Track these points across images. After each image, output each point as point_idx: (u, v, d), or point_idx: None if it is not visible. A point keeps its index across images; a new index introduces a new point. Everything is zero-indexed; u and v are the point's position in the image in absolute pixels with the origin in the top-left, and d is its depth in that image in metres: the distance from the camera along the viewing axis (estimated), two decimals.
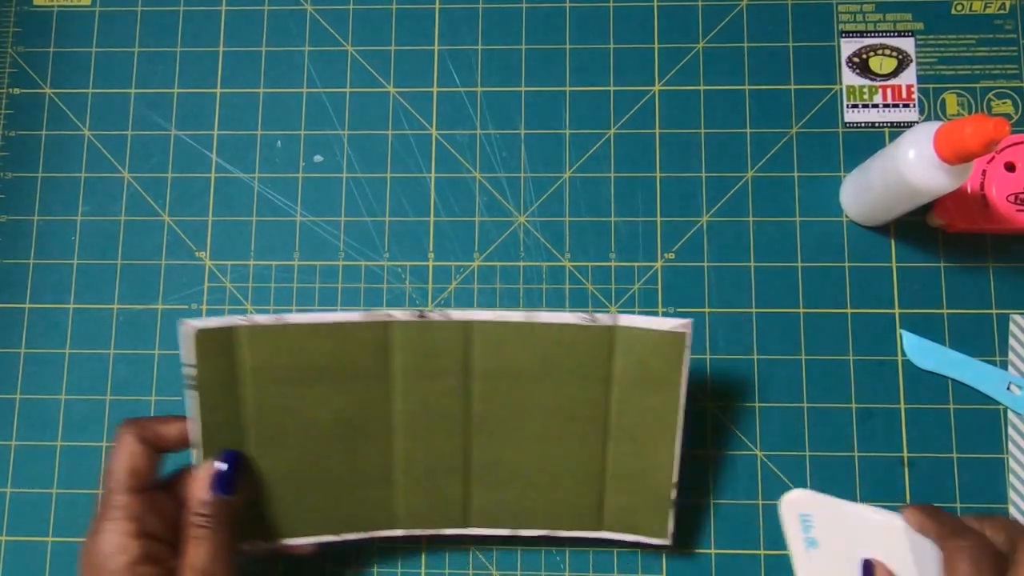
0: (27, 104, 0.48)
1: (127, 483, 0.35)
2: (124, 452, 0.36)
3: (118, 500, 0.35)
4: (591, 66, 0.47)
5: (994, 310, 0.44)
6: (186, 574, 0.34)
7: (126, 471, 0.35)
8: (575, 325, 0.38)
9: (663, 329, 0.37)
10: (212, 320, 0.36)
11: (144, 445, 0.36)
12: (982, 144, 0.33)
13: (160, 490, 0.37)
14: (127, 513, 0.34)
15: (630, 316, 0.38)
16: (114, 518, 0.34)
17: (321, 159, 0.47)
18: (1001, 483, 0.43)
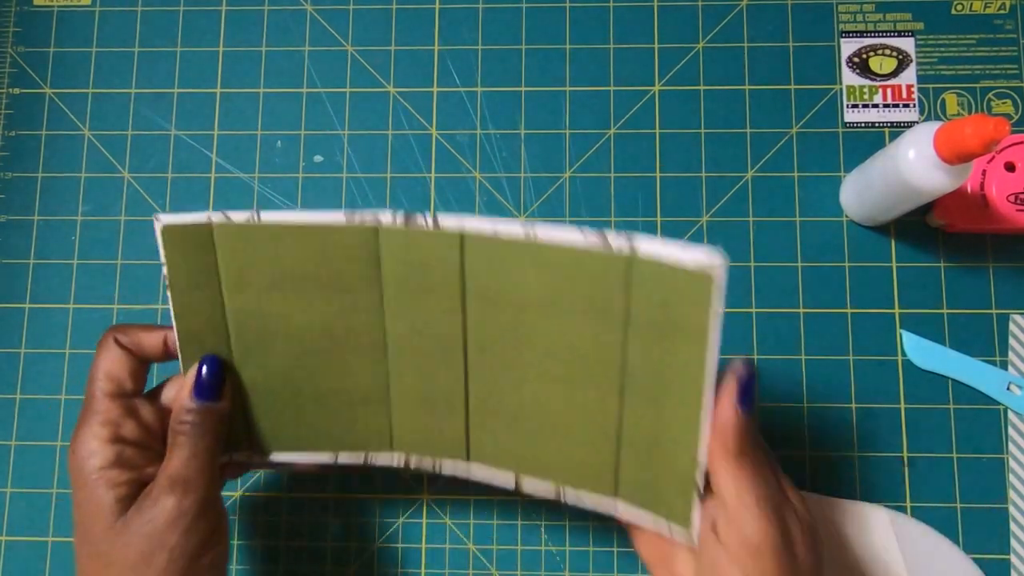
0: (27, 104, 0.48)
1: (105, 388, 0.35)
2: (105, 357, 0.35)
3: (95, 404, 0.34)
4: (591, 66, 0.47)
5: (994, 310, 0.44)
6: (161, 478, 0.34)
7: (104, 375, 0.35)
8: (581, 250, 0.31)
9: (688, 267, 0.29)
10: (182, 216, 0.34)
11: (125, 351, 0.35)
12: (982, 144, 0.33)
13: (145, 399, 0.36)
14: (103, 418, 0.34)
15: (651, 242, 0.30)
16: (90, 423, 0.34)
17: (321, 159, 0.47)
18: (1001, 483, 0.43)
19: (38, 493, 0.44)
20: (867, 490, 0.43)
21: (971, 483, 0.43)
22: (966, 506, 0.42)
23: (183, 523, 0.33)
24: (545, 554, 0.43)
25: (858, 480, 0.43)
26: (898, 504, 0.42)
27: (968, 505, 0.42)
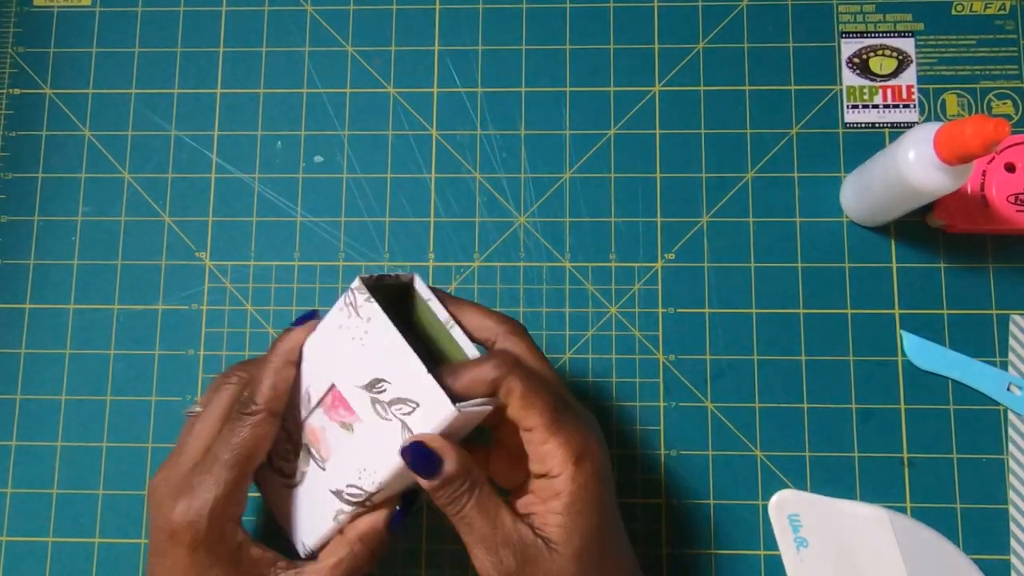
0: (27, 104, 0.48)
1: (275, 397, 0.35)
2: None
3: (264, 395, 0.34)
4: (591, 66, 0.47)
5: (994, 310, 0.44)
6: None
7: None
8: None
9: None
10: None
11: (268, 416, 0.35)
12: (982, 145, 0.33)
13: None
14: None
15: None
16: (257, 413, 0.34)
17: (321, 159, 0.47)
18: (1001, 484, 0.43)
19: (38, 493, 0.44)
20: (867, 490, 0.43)
21: (971, 483, 0.43)
22: (966, 506, 0.42)
23: None
24: None
25: (858, 480, 0.43)
26: (898, 504, 0.42)
27: (968, 505, 0.42)
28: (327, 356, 0.35)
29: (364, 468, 0.34)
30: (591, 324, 0.45)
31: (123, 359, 0.45)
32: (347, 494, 0.35)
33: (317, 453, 0.35)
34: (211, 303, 0.46)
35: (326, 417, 0.35)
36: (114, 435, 0.45)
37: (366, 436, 0.34)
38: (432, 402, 0.32)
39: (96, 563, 0.43)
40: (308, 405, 0.35)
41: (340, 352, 0.34)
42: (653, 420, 0.44)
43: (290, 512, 0.36)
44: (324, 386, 0.35)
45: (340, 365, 0.34)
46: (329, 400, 0.35)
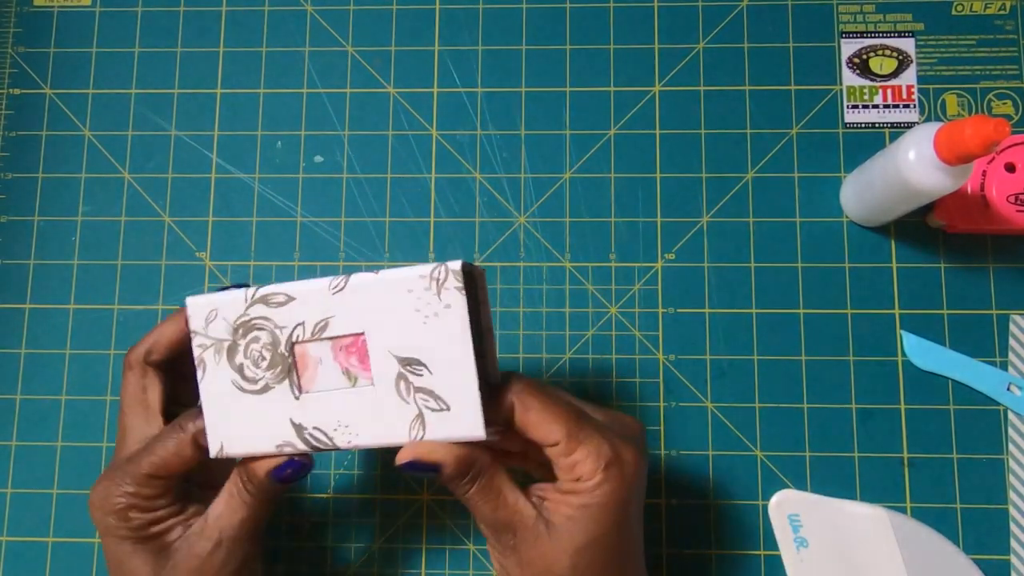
0: (27, 104, 0.48)
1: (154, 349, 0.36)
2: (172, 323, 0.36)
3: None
4: (591, 66, 0.47)
5: (994, 310, 0.44)
6: (213, 530, 0.34)
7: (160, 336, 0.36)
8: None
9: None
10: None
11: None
12: (982, 145, 0.33)
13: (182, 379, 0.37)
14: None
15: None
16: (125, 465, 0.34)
17: (321, 159, 0.47)
18: (1001, 484, 0.43)
19: (38, 493, 0.44)
20: (867, 490, 0.43)
21: (971, 483, 0.43)
22: (966, 506, 0.42)
23: (228, 573, 0.34)
24: None
25: (858, 480, 0.43)
26: (898, 504, 0.42)
27: (968, 505, 0.42)
28: (374, 306, 0.32)
29: (347, 425, 0.32)
30: (591, 324, 0.45)
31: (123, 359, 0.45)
32: (309, 434, 0.33)
33: (296, 378, 0.33)
34: None
35: (331, 354, 0.33)
36: (114, 435, 0.45)
37: (369, 400, 0.32)
38: (466, 418, 0.31)
39: (96, 563, 0.43)
40: (311, 329, 0.33)
41: (394, 312, 0.32)
42: (653, 420, 0.44)
43: (226, 409, 0.34)
44: (348, 327, 0.32)
45: (385, 323, 0.32)
46: (347, 343, 0.33)
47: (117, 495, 0.33)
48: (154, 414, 0.36)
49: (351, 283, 0.32)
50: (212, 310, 0.34)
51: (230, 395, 0.34)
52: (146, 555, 0.33)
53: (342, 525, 0.44)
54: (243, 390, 0.33)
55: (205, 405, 0.34)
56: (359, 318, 0.32)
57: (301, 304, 0.33)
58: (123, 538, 0.33)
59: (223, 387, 0.34)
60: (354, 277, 0.32)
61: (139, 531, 0.33)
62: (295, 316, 0.33)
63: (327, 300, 0.33)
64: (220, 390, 0.34)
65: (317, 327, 0.33)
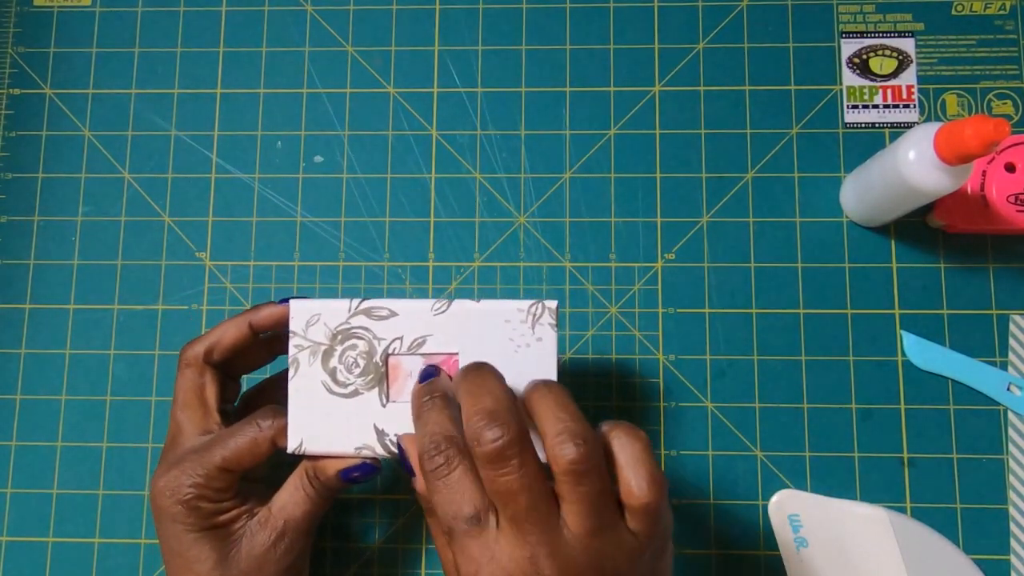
0: (27, 104, 0.48)
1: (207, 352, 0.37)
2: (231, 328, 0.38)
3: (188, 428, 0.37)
4: (591, 66, 0.47)
5: (994, 310, 0.44)
6: (279, 520, 0.35)
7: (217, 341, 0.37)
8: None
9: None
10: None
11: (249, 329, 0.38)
12: (982, 145, 0.33)
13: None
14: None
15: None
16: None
17: (321, 159, 0.47)
18: (1001, 484, 0.43)
19: (38, 493, 0.44)
20: (867, 490, 0.43)
21: (971, 483, 0.43)
22: (966, 506, 0.42)
23: (285, 563, 0.36)
24: None
25: (858, 480, 0.43)
26: (898, 504, 0.42)
27: (968, 505, 0.42)
28: (471, 329, 0.35)
29: None
30: (591, 324, 0.45)
31: (123, 359, 0.45)
32: (389, 440, 0.35)
33: (386, 388, 0.35)
34: (211, 303, 0.46)
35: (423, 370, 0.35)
36: (114, 435, 0.45)
37: None
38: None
39: (96, 563, 0.43)
40: (408, 344, 0.35)
41: (489, 339, 0.35)
42: (653, 420, 0.44)
43: (312, 409, 0.35)
44: (444, 347, 0.35)
45: (479, 348, 0.35)
46: (439, 360, 0.35)
47: (187, 485, 0.35)
48: (211, 411, 0.37)
49: (453, 308, 0.35)
50: (315, 315, 0.36)
51: (318, 395, 0.36)
52: (211, 543, 0.35)
53: (342, 525, 0.44)
54: (332, 392, 0.36)
55: (292, 403, 0.36)
56: (455, 340, 0.35)
57: (402, 320, 0.36)
58: (189, 526, 0.34)
59: (313, 388, 0.36)
60: (456, 303, 0.35)
61: (206, 520, 0.35)
62: (394, 331, 0.36)
63: (428, 320, 0.35)
64: (309, 390, 0.36)
65: (414, 343, 0.36)
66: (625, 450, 0.31)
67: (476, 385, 0.31)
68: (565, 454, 0.29)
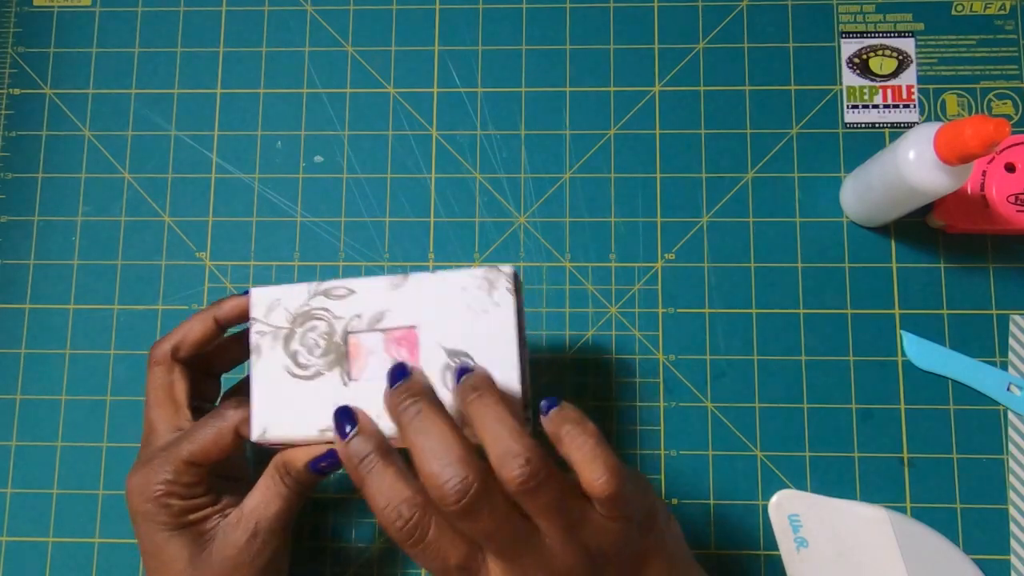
0: (27, 104, 0.48)
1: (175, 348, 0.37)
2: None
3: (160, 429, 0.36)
4: (591, 66, 0.47)
5: (994, 310, 0.44)
6: (250, 520, 0.35)
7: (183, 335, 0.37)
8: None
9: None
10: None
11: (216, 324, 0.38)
12: (982, 145, 0.33)
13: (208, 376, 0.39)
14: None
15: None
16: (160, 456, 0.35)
17: (321, 159, 0.47)
18: (1001, 484, 0.43)
19: (38, 493, 0.44)
20: (867, 490, 0.43)
21: (971, 483, 0.43)
22: (966, 506, 0.42)
23: (260, 563, 0.35)
24: None
25: (858, 480, 0.43)
26: (898, 504, 0.42)
27: (968, 505, 0.42)
28: (429, 302, 0.34)
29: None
30: (591, 324, 0.45)
31: (123, 359, 0.45)
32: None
33: (347, 366, 0.35)
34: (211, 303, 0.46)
35: (383, 346, 0.34)
36: (114, 435, 0.45)
37: None
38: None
39: (96, 563, 0.43)
40: (367, 320, 0.35)
41: (446, 308, 0.34)
42: (653, 420, 0.44)
43: (275, 394, 0.35)
44: (401, 320, 0.34)
45: (437, 318, 0.34)
46: (399, 334, 0.35)
47: (156, 482, 0.34)
48: (182, 408, 0.37)
49: (410, 281, 0.35)
50: (275, 299, 0.35)
51: (280, 380, 0.35)
52: (183, 542, 0.34)
53: (342, 525, 0.44)
54: (294, 375, 0.35)
55: (254, 389, 0.35)
56: (414, 312, 0.34)
57: (360, 297, 0.35)
58: (161, 525, 0.34)
59: (274, 373, 0.35)
60: (412, 275, 0.35)
61: (177, 518, 0.34)
62: (353, 308, 0.35)
63: (386, 295, 0.35)
64: (271, 376, 0.35)
65: (373, 319, 0.35)
66: (578, 449, 0.30)
67: (423, 436, 0.29)
68: (513, 476, 0.28)
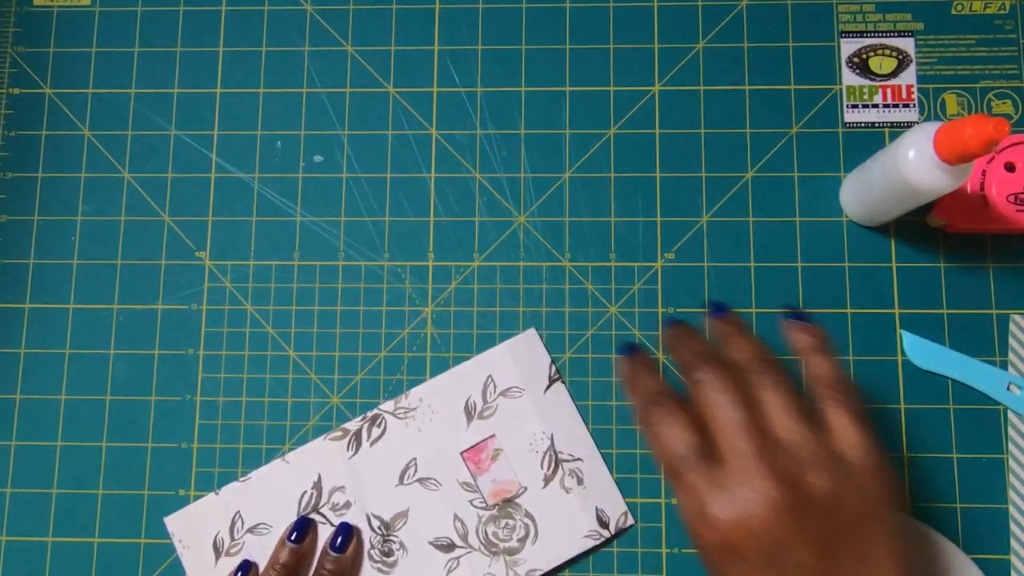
0: (27, 104, 0.48)
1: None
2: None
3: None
4: (591, 66, 0.47)
5: (994, 310, 0.44)
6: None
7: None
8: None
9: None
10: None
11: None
12: (982, 144, 0.33)
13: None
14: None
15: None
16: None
17: (321, 159, 0.47)
18: (1001, 483, 0.43)
19: (38, 493, 0.44)
20: None
21: (971, 483, 0.43)
22: (966, 506, 0.42)
23: None
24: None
25: None
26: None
27: (968, 505, 0.42)
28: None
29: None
30: (591, 324, 0.45)
31: (123, 359, 0.45)
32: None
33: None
34: (211, 303, 0.46)
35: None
36: (114, 435, 0.45)
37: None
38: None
39: (96, 563, 0.43)
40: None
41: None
42: None
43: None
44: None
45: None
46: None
47: None
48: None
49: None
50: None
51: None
52: None
53: None
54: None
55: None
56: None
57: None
58: None
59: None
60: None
61: None
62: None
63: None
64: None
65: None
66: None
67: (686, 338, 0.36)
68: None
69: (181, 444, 0.44)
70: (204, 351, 0.45)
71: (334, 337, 0.45)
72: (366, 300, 0.45)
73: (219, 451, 0.44)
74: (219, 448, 0.44)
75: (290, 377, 0.45)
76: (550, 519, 0.42)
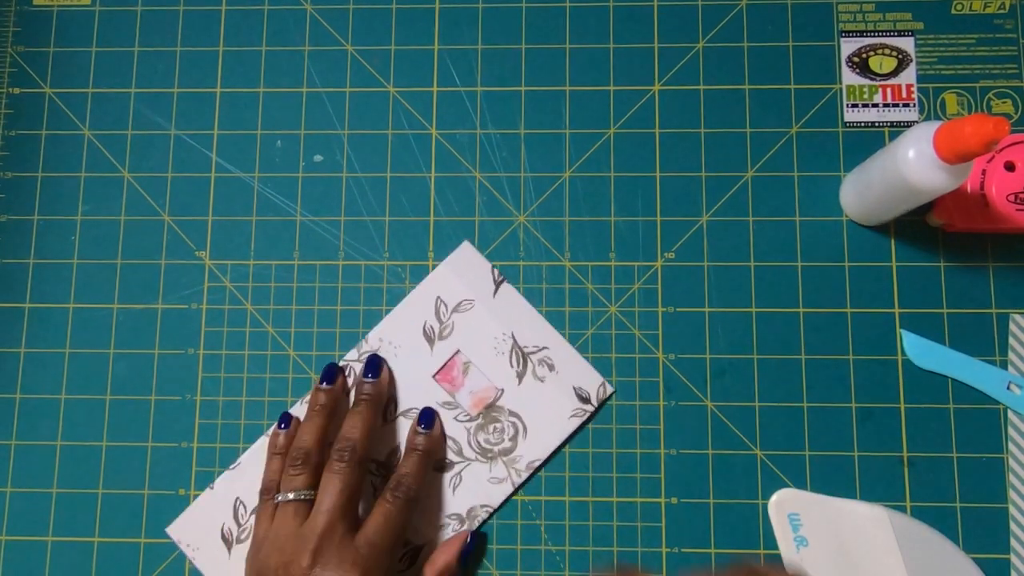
0: (27, 104, 0.48)
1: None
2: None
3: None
4: (591, 66, 0.47)
5: (994, 310, 0.44)
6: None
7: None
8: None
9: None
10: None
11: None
12: (982, 143, 0.33)
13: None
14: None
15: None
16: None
17: (321, 159, 0.47)
18: (1001, 483, 0.43)
19: (38, 493, 0.44)
20: (867, 490, 0.43)
21: (971, 483, 0.43)
22: (966, 506, 0.42)
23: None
24: (545, 554, 0.43)
25: (858, 479, 0.43)
26: (898, 504, 0.42)
27: (968, 505, 0.42)
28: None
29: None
30: (591, 323, 0.45)
31: (123, 359, 0.45)
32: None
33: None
34: (211, 302, 0.46)
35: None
36: (114, 435, 0.45)
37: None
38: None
39: (96, 563, 0.43)
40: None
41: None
42: (653, 419, 0.44)
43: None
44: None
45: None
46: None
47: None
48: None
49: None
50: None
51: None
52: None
53: None
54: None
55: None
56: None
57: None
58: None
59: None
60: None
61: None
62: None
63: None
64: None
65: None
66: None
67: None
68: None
69: (181, 444, 0.44)
70: (204, 351, 0.45)
71: (334, 337, 0.45)
72: (366, 300, 0.45)
73: (219, 451, 0.44)
74: (219, 448, 0.44)
75: (290, 377, 0.45)
76: (534, 411, 0.43)
